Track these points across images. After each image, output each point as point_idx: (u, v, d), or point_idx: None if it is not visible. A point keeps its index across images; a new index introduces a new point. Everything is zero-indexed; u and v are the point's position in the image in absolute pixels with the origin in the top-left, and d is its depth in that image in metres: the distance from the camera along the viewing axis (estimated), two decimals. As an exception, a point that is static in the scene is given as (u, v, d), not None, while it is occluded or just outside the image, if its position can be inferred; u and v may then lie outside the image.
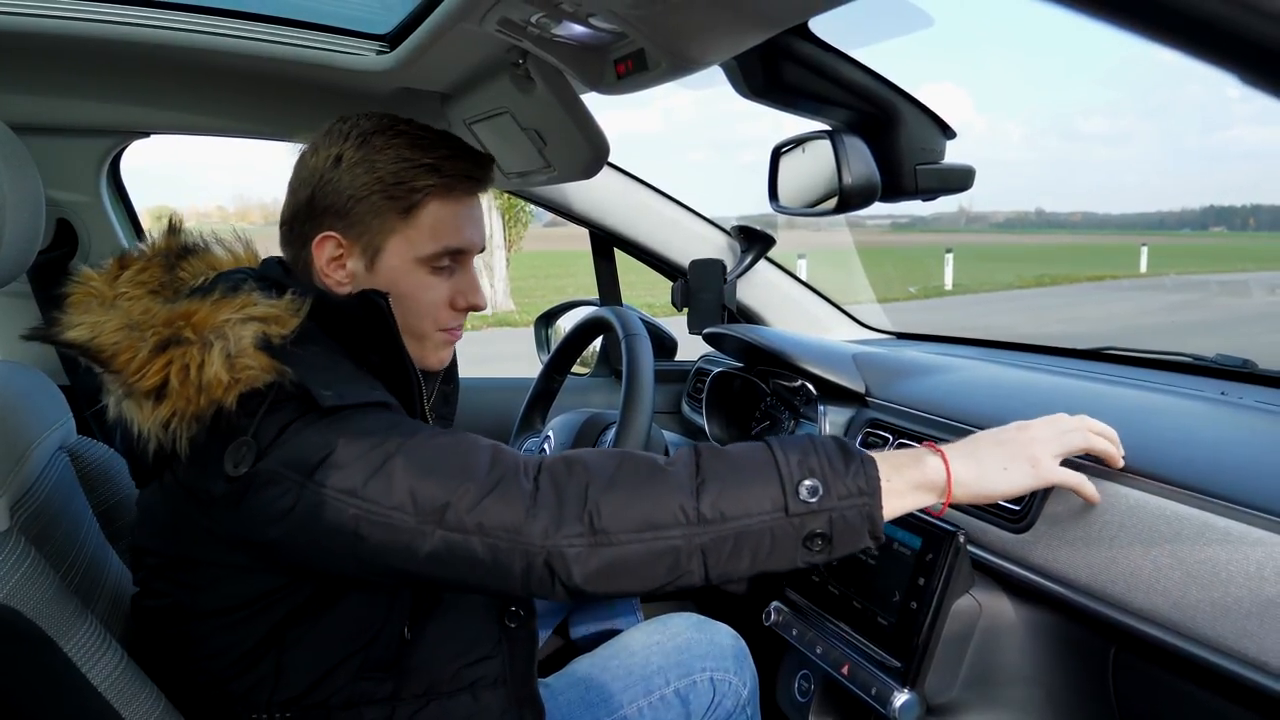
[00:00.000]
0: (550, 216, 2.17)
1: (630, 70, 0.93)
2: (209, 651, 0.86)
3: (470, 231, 0.95)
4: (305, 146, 0.95)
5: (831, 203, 1.08)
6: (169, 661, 0.88)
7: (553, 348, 1.56)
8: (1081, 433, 0.83)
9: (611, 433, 1.20)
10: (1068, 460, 0.83)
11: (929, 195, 1.05)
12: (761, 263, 1.76)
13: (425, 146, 0.91)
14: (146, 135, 1.54)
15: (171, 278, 0.90)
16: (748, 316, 1.79)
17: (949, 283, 16.26)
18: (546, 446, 1.32)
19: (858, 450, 0.77)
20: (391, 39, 1.30)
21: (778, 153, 1.23)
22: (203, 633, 0.85)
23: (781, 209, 1.23)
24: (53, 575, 0.82)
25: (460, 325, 1.00)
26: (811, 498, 0.73)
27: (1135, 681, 0.86)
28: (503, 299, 13.23)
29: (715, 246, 1.76)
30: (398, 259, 0.92)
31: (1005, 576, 0.94)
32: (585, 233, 1.81)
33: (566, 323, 1.92)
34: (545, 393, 1.47)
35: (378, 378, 0.88)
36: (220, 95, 1.47)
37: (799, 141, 1.17)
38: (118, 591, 0.97)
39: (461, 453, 0.77)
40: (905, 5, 1.09)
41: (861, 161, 1.03)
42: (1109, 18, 0.30)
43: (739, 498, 0.73)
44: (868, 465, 0.75)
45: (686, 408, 1.79)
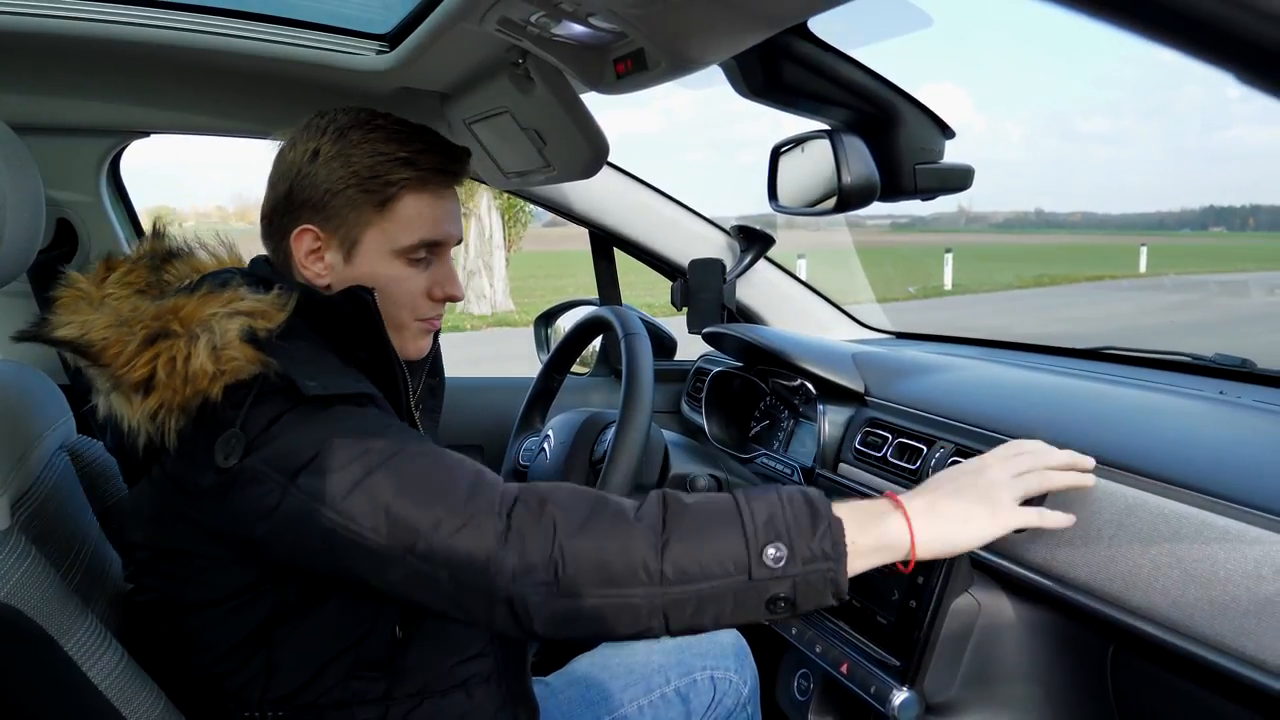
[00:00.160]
0: (550, 216, 2.18)
1: (630, 70, 0.93)
2: (199, 646, 0.86)
3: (446, 224, 0.96)
4: (284, 141, 0.96)
5: (831, 202, 1.08)
6: (164, 658, 0.88)
7: (552, 347, 1.56)
8: (1038, 474, 0.81)
9: (611, 432, 1.20)
10: None
11: (928, 195, 1.05)
12: (761, 262, 1.76)
13: (401, 140, 0.93)
14: (146, 135, 1.54)
15: (157, 279, 0.91)
16: (747, 316, 1.79)
17: (948, 283, 16.26)
18: (546, 446, 1.32)
19: (826, 509, 0.75)
20: (391, 39, 1.30)
21: (777, 152, 1.23)
22: (193, 626, 0.86)
23: (781, 208, 1.23)
24: (53, 574, 0.82)
25: (439, 315, 1.01)
26: (776, 564, 0.72)
27: (1134, 679, 0.86)
28: (502, 299, 13.22)
29: (715, 246, 1.76)
30: (374, 251, 0.94)
31: (1004, 575, 0.94)
32: (585, 232, 1.81)
33: (566, 322, 1.92)
34: (545, 392, 1.47)
35: (364, 373, 0.89)
36: (220, 95, 1.47)
37: (798, 141, 1.17)
38: (118, 590, 0.97)
39: (443, 477, 0.77)
40: (905, 5, 1.09)
41: (861, 161, 1.03)
42: (1109, 18, 0.31)
43: (702, 560, 0.72)
44: (834, 528, 0.74)
45: (686, 407, 1.79)
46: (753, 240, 1.75)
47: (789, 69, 0.98)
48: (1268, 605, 0.69)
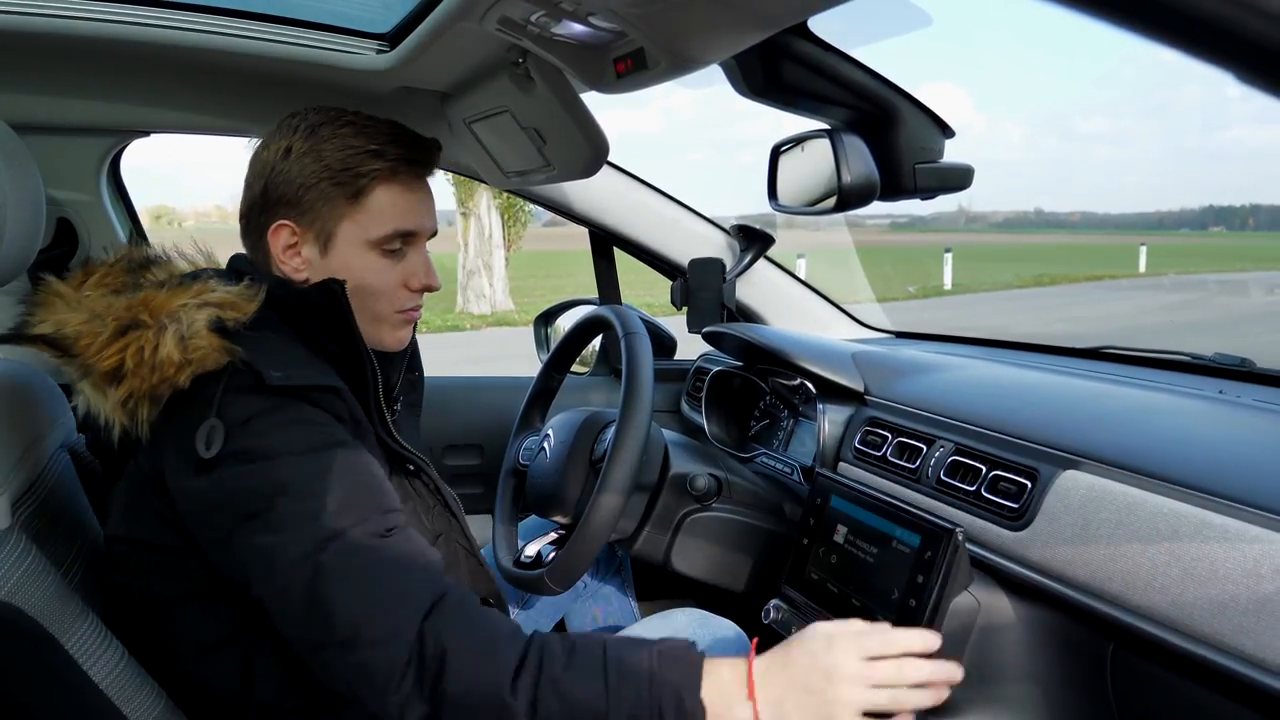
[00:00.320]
0: (550, 216, 2.17)
1: (630, 69, 0.93)
2: (180, 644, 0.88)
3: (419, 214, 0.98)
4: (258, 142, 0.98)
5: (830, 202, 1.08)
6: (154, 655, 0.89)
7: (552, 347, 1.56)
8: (889, 693, 0.79)
9: (611, 431, 1.20)
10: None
11: (928, 194, 1.05)
12: (761, 262, 1.77)
13: (370, 134, 0.95)
14: (146, 134, 1.54)
15: (135, 281, 0.93)
16: (747, 315, 1.79)
17: (948, 282, 16.26)
18: (546, 445, 1.32)
19: (693, 704, 0.75)
20: (391, 38, 1.30)
21: (777, 152, 1.23)
22: (168, 619, 0.88)
23: (781, 208, 1.23)
24: (54, 573, 0.82)
25: (417, 306, 1.02)
26: None
27: (1133, 678, 0.86)
28: (502, 298, 13.22)
29: (714, 246, 1.76)
30: (349, 243, 0.95)
31: (1003, 574, 0.94)
32: (585, 232, 1.81)
33: (566, 322, 1.92)
34: (545, 391, 1.47)
35: (335, 366, 0.91)
36: (220, 94, 1.47)
37: (798, 140, 1.17)
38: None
39: (379, 573, 0.78)
40: (905, 5, 1.09)
41: (861, 160, 1.03)
42: (1109, 18, 0.31)
43: None
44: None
45: (686, 406, 1.79)
46: (752, 240, 1.75)
47: (789, 68, 0.98)
48: (1267, 604, 0.69)
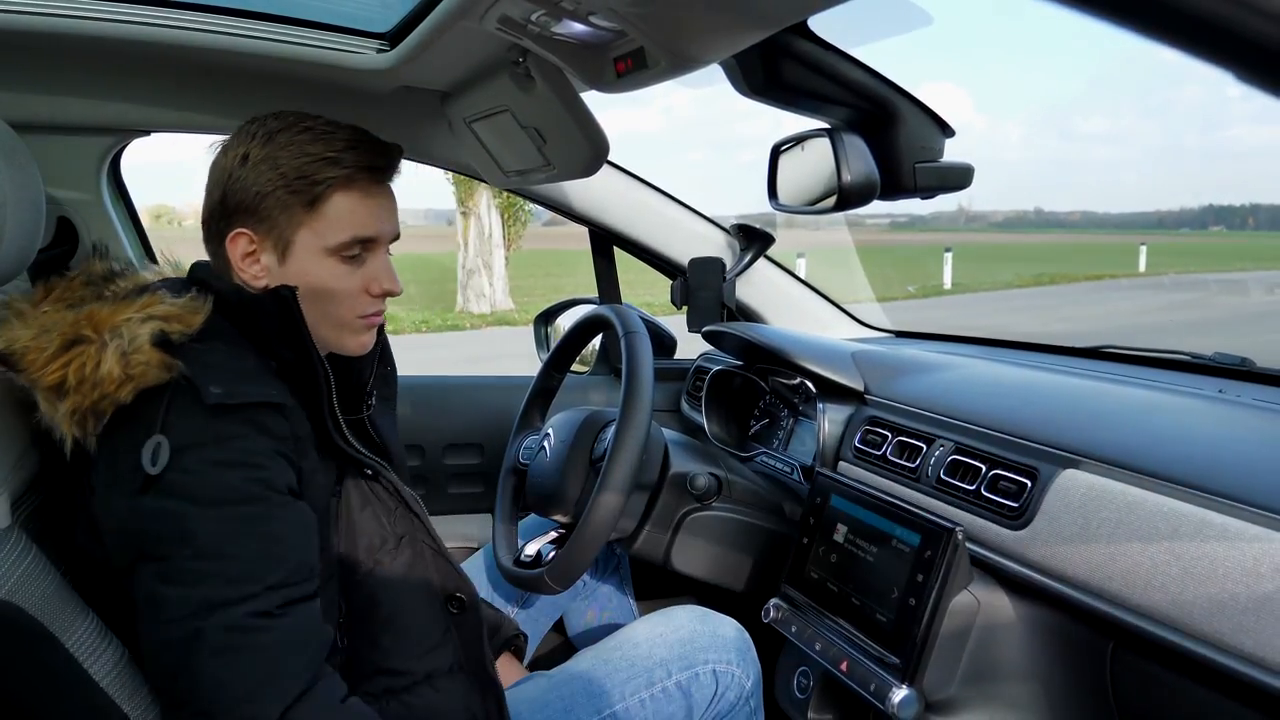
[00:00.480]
0: (550, 215, 2.17)
1: (630, 68, 0.93)
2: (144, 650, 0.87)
3: (378, 220, 0.97)
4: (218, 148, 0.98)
5: (830, 201, 1.08)
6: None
7: (552, 346, 1.56)
8: None
9: (611, 430, 1.20)
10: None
11: (928, 193, 1.05)
12: (761, 261, 1.76)
13: (327, 140, 0.94)
14: (147, 133, 1.54)
15: (96, 294, 0.92)
16: (747, 315, 1.79)
17: (948, 282, 16.25)
18: (546, 444, 1.32)
19: None
20: (391, 37, 1.30)
21: (777, 151, 1.23)
22: (131, 621, 0.87)
23: (781, 207, 1.23)
24: (54, 572, 0.83)
25: (380, 311, 1.02)
26: None
27: (1133, 677, 0.86)
28: (502, 298, 13.21)
29: (714, 245, 1.76)
30: (307, 251, 0.95)
31: (1003, 573, 0.94)
32: (584, 231, 1.81)
33: (566, 321, 1.92)
34: (545, 390, 1.47)
35: (288, 374, 0.91)
36: (220, 94, 1.47)
37: (798, 140, 1.17)
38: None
39: (274, 653, 0.78)
40: (905, 5, 1.09)
41: (860, 160, 1.03)
42: (1109, 17, 0.31)
43: None
44: None
45: (686, 406, 1.79)
46: (752, 239, 1.75)
47: (789, 67, 0.98)
48: (1266, 603, 0.69)
